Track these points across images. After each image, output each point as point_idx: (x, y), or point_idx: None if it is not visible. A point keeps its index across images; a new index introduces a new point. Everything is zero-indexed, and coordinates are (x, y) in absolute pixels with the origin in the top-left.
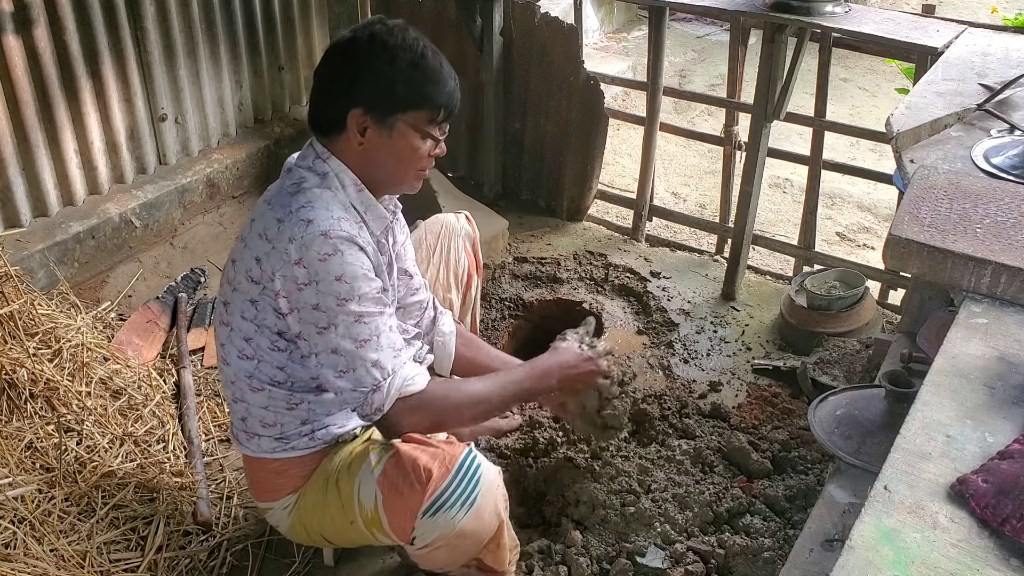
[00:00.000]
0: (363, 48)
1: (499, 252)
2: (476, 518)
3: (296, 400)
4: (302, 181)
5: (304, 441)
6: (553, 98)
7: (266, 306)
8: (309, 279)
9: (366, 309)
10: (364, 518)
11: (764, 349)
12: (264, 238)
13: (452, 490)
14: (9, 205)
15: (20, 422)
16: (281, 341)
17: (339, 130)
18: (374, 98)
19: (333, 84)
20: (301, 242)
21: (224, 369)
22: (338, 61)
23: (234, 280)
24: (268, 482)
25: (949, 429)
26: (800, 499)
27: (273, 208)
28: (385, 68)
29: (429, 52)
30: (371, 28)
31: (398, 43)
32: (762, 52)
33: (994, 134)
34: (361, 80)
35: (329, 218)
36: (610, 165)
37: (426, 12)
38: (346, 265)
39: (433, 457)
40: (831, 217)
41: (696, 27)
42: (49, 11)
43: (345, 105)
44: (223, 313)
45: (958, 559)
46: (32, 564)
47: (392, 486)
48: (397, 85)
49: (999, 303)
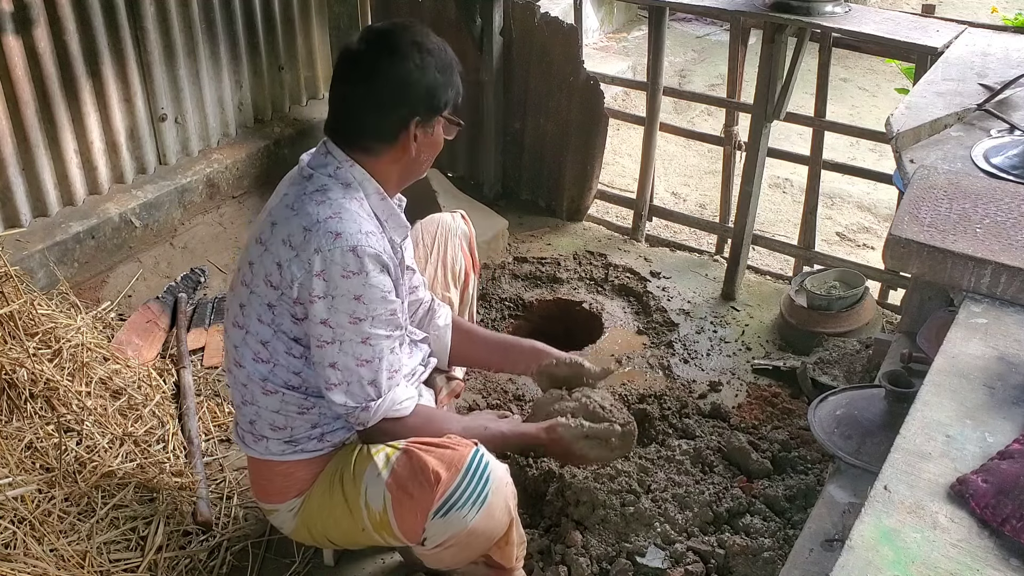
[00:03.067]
0: (405, 54)
1: (499, 252)
2: (487, 516)
3: (309, 404)
4: (326, 189)
5: (313, 444)
6: (553, 98)
7: (284, 311)
8: (326, 292)
9: (376, 331)
10: (372, 521)
11: (764, 349)
12: (288, 244)
13: (463, 490)
14: (9, 205)
15: (20, 422)
16: (297, 347)
17: (388, 140)
18: (427, 104)
19: (383, 98)
20: (328, 255)
21: (236, 372)
22: (381, 73)
23: (252, 283)
24: (274, 484)
25: (949, 429)
26: (800, 499)
27: (299, 215)
28: (429, 73)
29: (447, 47)
30: (399, 32)
31: (430, 46)
32: (762, 52)
33: (994, 134)
34: (414, 89)
35: (358, 232)
36: (610, 165)
37: (426, 12)
38: (368, 286)
39: (442, 459)
40: (831, 217)
41: (696, 27)
42: (49, 11)
43: (403, 118)
44: (238, 315)
45: (958, 559)
46: (32, 564)
47: (401, 488)
48: (439, 87)
49: (999, 303)
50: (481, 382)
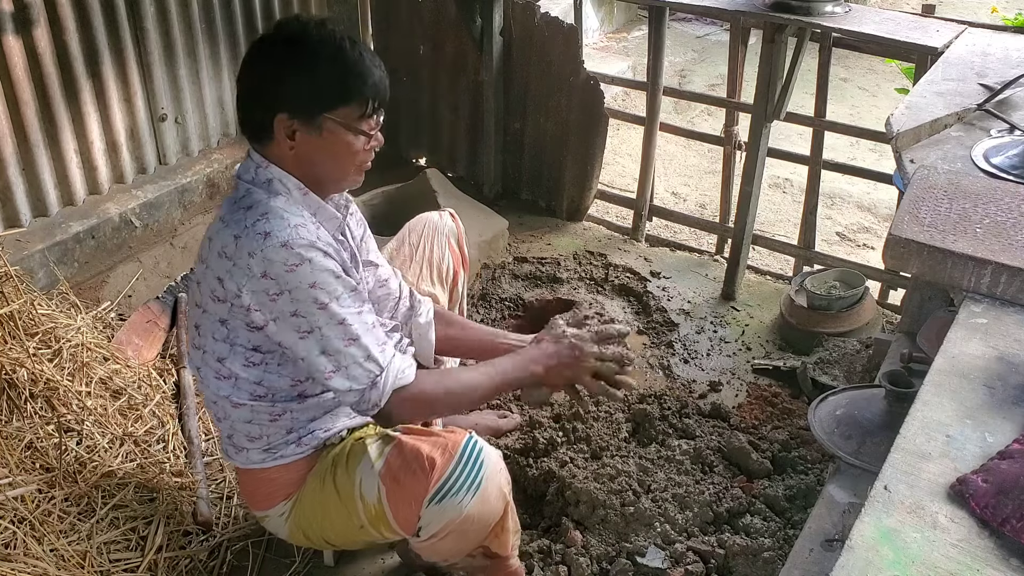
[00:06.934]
0: (280, 50)
1: (499, 252)
2: (482, 502)
3: (278, 411)
4: (250, 194)
5: (291, 448)
6: (553, 98)
7: (237, 324)
8: (281, 289)
9: (347, 309)
10: (368, 515)
11: (764, 349)
12: (224, 256)
13: (457, 476)
14: (9, 205)
15: (20, 422)
16: (256, 355)
17: (268, 136)
18: (298, 101)
19: (254, 90)
20: (262, 256)
21: (204, 391)
22: (256, 66)
23: (201, 302)
24: (260, 491)
25: (949, 429)
26: (800, 499)
27: (228, 225)
28: (304, 68)
29: (347, 44)
30: (286, 28)
31: (315, 40)
32: (762, 52)
33: (994, 134)
34: (282, 84)
35: (286, 227)
36: (610, 165)
37: (426, 12)
38: (317, 272)
39: (435, 445)
40: (831, 217)
41: (696, 27)
42: (49, 11)
43: (269, 111)
44: (195, 336)
45: (958, 559)
46: (32, 564)
47: (395, 478)
48: (319, 84)
49: (999, 303)
50: None
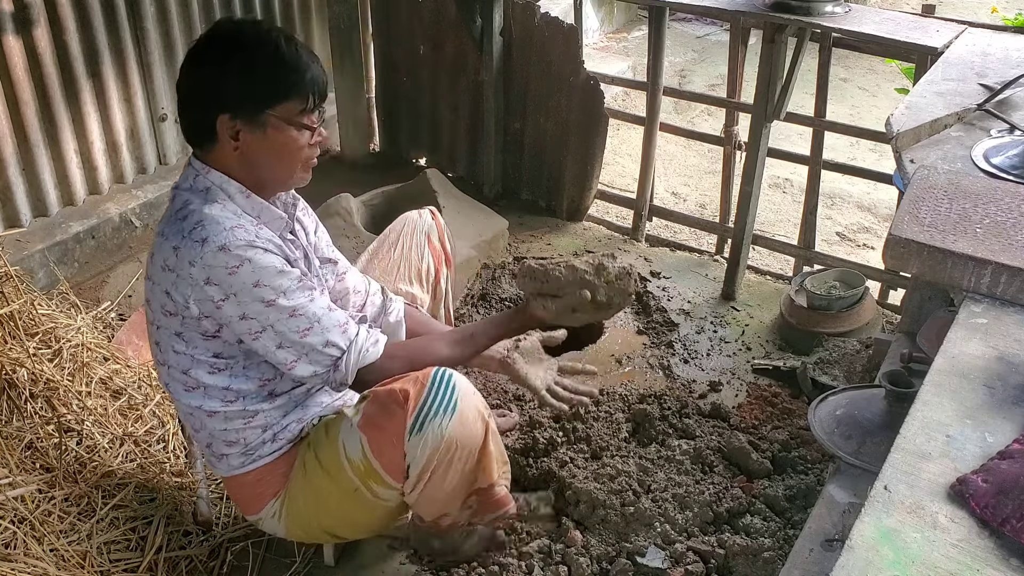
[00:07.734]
0: (217, 51)
1: (499, 252)
2: (461, 423)
3: (252, 411)
4: (187, 204)
5: (268, 447)
6: (553, 98)
7: (192, 335)
8: (225, 294)
9: (296, 301)
10: (358, 474)
11: (764, 349)
12: (167, 269)
13: (431, 401)
14: (9, 205)
15: (20, 422)
16: (220, 361)
17: (212, 140)
18: (238, 100)
19: (194, 94)
20: (203, 263)
21: (176, 405)
22: (195, 69)
23: (155, 319)
24: (247, 495)
25: (949, 429)
26: (800, 499)
27: (167, 238)
28: (242, 68)
29: (283, 41)
30: (218, 29)
31: (249, 39)
32: (762, 52)
33: (994, 134)
34: (221, 84)
35: (222, 231)
36: (610, 165)
37: (426, 12)
38: (258, 270)
39: (407, 380)
40: (831, 217)
41: (696, 27)
42: (49, 11)
43: (211, 114)
44: (157, 353)
45: (958, 559)
46: (32, 564)
47: (374, 424)
48: (257, 82)
49: (999, 303)
50: (481, 382)
